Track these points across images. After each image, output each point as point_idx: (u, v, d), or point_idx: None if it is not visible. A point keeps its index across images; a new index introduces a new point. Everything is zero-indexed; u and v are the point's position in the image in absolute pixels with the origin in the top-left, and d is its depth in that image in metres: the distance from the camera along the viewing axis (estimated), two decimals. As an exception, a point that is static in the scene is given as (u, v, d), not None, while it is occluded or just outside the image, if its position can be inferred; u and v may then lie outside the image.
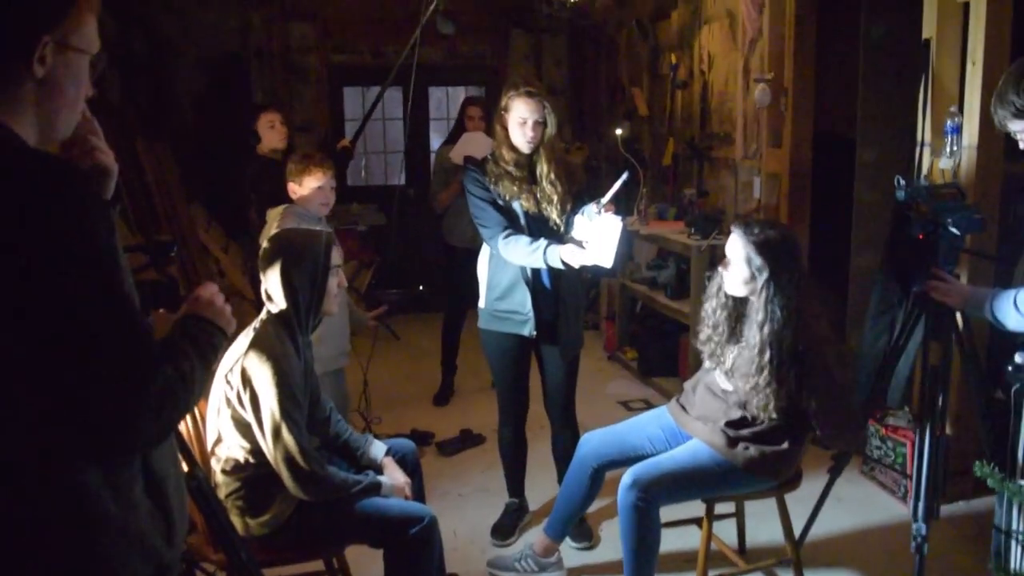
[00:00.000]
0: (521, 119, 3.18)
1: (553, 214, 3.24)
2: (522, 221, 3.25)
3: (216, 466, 2.56)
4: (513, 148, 3.24)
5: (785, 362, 2.65)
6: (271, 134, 4.38)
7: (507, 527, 3.58)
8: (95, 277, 1.25)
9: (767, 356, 2.65)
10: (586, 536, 3.47)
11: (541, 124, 3.20)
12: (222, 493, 2.53)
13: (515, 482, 3.67)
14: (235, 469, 2.53)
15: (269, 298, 2.61)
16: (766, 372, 2.65)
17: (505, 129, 3.25)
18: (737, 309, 2.86)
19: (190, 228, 6.00)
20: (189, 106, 7.17)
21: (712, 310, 2.91)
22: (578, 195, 3.29)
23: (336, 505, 2.50)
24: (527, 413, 3.60)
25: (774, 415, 2.69)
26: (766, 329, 2.66)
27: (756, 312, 2.71)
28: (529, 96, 3.16)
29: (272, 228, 3.47)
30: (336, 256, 2.70)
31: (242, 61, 7.31)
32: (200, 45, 7.14)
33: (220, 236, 6.36)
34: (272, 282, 2.59)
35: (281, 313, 2.59)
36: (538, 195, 3.25)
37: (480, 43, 7.91)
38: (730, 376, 2.83)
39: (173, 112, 7.02)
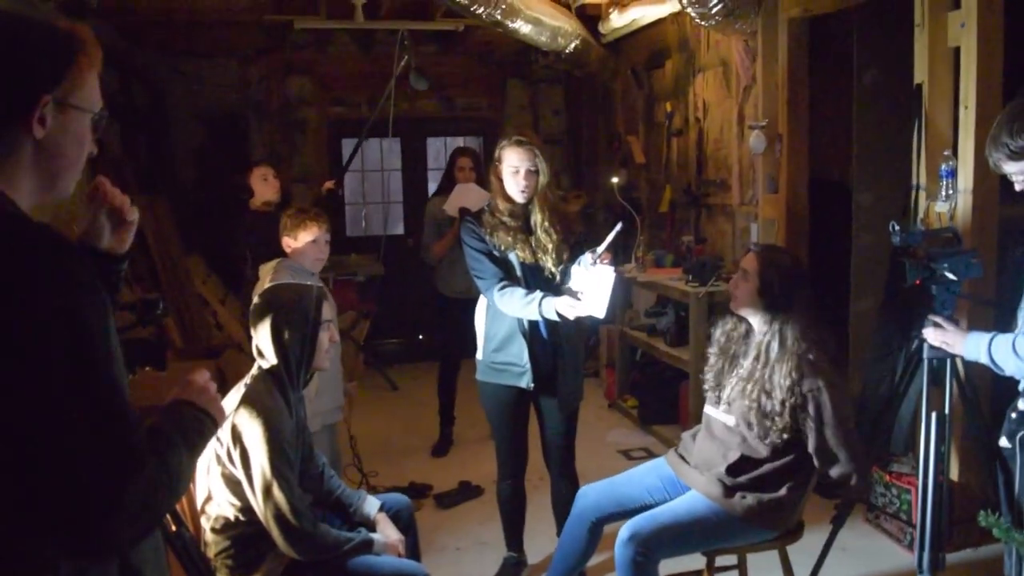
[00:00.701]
0: (513, 168, 3.18)
1: (549, 263, 3.23)
2: (518, 272, 3.23)
3: (206, 524, 2.52)
4: (508, 198, 3.24)
5: (784, 388, 2.66)
6: (264, 187, 4.40)
7: None
8: (76, 364, 1.14)
9: (767, 375, 2.69)
10: None
11: (534, 173, 3.19)
12: (212, 552, 2.48)
13: (514, 536, 3.60)
14: (225, 527, 2.48)
15: (260, 354, 2.59)
16: (766, 395, 2.68)
17: (499, 180, 3.25)
18: (741, 339, 2.90)
19: (188, 280, 5.99)
20: (188, 160, 7.21)
21: (718, 336, 2.98)
22: (575, 244, 3.28)
23: (327, 564, 2.45)
24: (526, 466, 3.55)
25: (777, 440, 2.68)
26: (772, 349, 2.72)
27: (759, 332, 2.78)
28: (519, 145, 3.17)
29: (265, 282, 3.45)
30: (327, 311, 2.69)
31: (241, 115, 7.37)
32: (199, 99, 7.21)
33: (218, 288, 6.35)
34: (263, 337, 2.56)
35: (272, 369, 2.56)
36: (533, 244, 3.24)
37: (477, 95, 7.99)
38: (729, 409, 2.82)
39: (171, 166, 7.07)
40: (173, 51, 7.03)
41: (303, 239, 3.50)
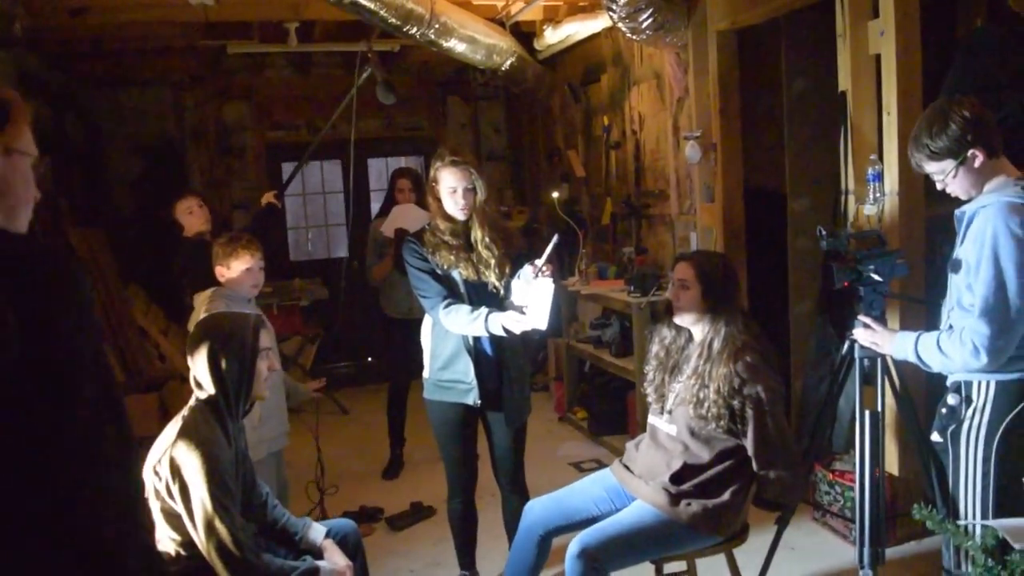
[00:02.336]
0: (451, 188, 3.20)
1: (491, 278, 3.25)
2: (461, 289, 3.24)
3: None
4: (448, 217, 3.25)
5: (723, 382, 2.73)
6: (191, 220, 4.32)
7: None
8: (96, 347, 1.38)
9: (708, 370, 2.76)
10: None
11: (471, 191, 3.21)
12: (155, 588, 2.44)
13: (466, 554, 3.60)
14: (166, 563, 2.44)
15: (198, 384, 2.56)
16: (704, 387, 2.75)
17: (437, 200, 3.26)
18: (680, 346, 2.96)
19: (127, 313, 5.90)
20: (125, 190, 7.11)
21: (658, 339, 3.03)
22: (516, 258, 3.30)
23: (273, 594, 2.43)
24: (475, 484, 3.55)
25: (715, 428, 2.74)
26: (714, 345, 2.80)
27: (702, 332, 2.85)
28: (455, 165, 3.19)
29: (200, 312, 3.42)
30: (265, 339, 2.67)
31: (178, 143, 7.29)
32: (135, 128, 7.12)
33: (160, 319, 6.26)
34: (200, 367, 2.54)
35: (209, 399, 2.54)
36: (475, 260, 3.26)
37: (417, 114, 8.01)
38: (671, 418, 2.85)
39: (108, 197, 6.96)
40: (106, 81, 6.95)
41: (236, 268, 3.46)
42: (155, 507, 2.43)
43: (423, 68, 7.71)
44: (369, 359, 7.49)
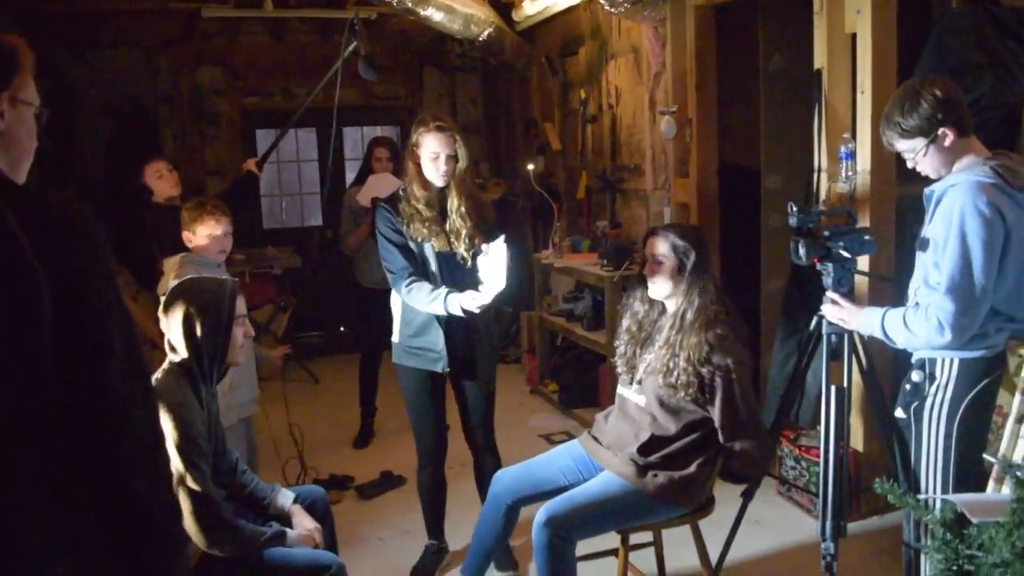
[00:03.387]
0: (433, 154, 3.18)
1: (461, 248, 3.24)
2: (432, 264, 3.24)
3: None
4: (425, 185, 3.23)
5: (693, 352, 2.75)
6: (160, 184, 4.27)
7: (427, 569, 3.52)
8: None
9: (680, 340, 2.78)
10: (510, 565, 3.44)
11: (453, 158, 3.20)
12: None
13: (435, 523, 3.62)
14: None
15: (171, 348, 2.56)
16: (674, 356, 2.77)
17: (417, 165, 3.23)
18: (652, 318, 2.97)
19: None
20: (96, 154, 7.00)
21: (629, 314, 3.03)
22: (488, 232, 3.29)
23: (240, 559, 2.43)
24: (445, 453, 3.56)
25: (684, 397, 2.76)
26: (687, 316, 2.80)
27: (675, 303, 2.86)
28: (439, 131, 3.16)
29: (170, 278, 3.39)
30: (241, 305, 2.66)
31: (150, 107, 7.19)
32: (106, 92, 7.00)
33: (130, 285, 6.18)
34: (174, 332, 2.54)
35: (182, 363, 2.54)
36: (448, 229, 3.25)
37: (394, 83, 7.93)
38: (641, 388, 2.87)
39: (79, 161, 6.85)
40: (77, 43, 6.81)
41: (202, 233, 3.43)
42: None
43: (401, 37, 7.65)
44: (342, 328, 7.50)
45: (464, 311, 3.07)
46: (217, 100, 7.43)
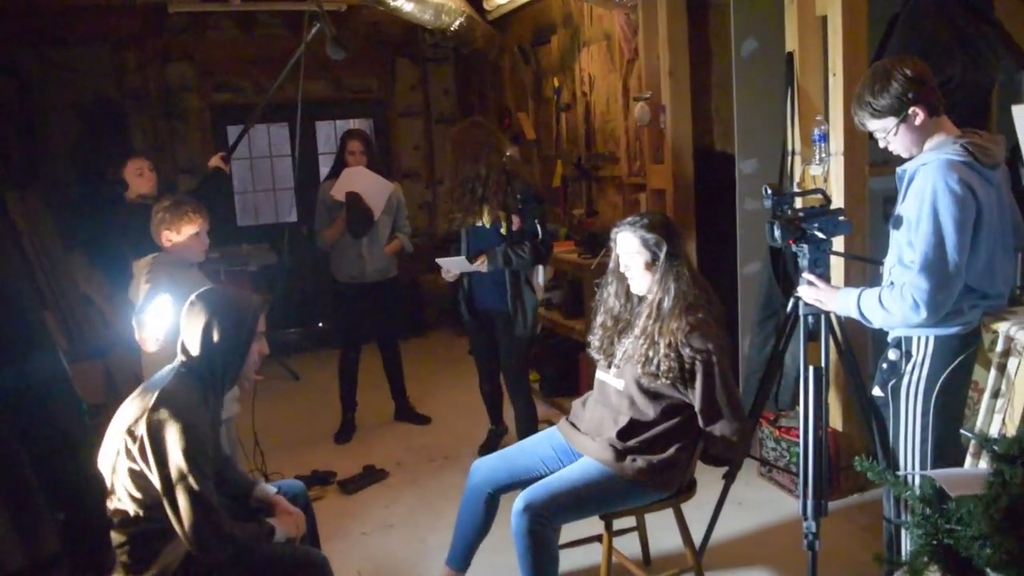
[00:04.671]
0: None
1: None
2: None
3: None
4: None
5: (673, 338, 2.75)
6: (139, 181, 4.23)
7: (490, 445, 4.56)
8: None
9: (658, 328, 2.77)
10: None
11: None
12: (105, 548, 2.42)
13: (495, 413, 4.68)
14: (123, 523, 2.42)
15: (185, 351, 2.54)
16: (653, 345, 2.77)
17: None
18: (629, 308, 2.96)
19: (70, 280, 5.77)
20: (64, 153, 6.91)
21: (604, 310, 3.02)
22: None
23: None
24: (497, 372, 4.48)
25: (665, 382, 2.77)
26: (664, 304, 2.80)
27: (652, 293, 2.84)
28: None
29: (141, 279, 3.37)
30: (262, 323, 2.64)
31: (118, 105, 7.10)
32: (73, 90, 6.91)
33: (103, 285, 6.13)
34: (192, 336, 2.53)
35: (194, 367, 2.53)
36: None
37: (366, 75, 7.89)
38: (620, 373, 2.88)
39: (46, 160, 6.76)
40: (41, 41, 6.71)
41: (186, 232, 3.41)
42: (123, 467, 2.40)
43: (372, 29, 7.60)
44: (320, 324, 7.46)
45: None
46: (186, 96, 7.34)
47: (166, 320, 3.18)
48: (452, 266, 4.18)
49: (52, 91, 6.81)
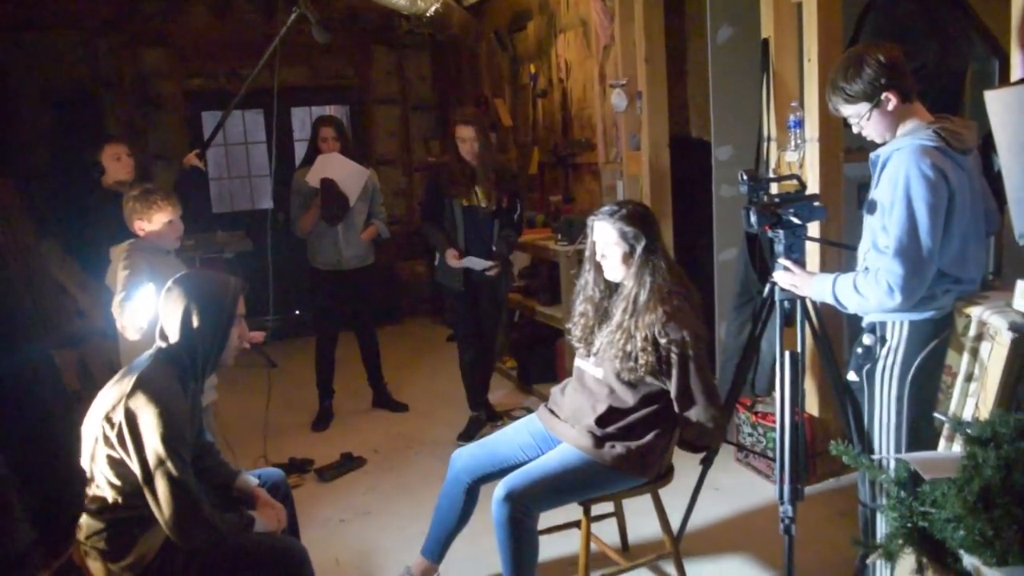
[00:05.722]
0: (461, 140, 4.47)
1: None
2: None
3: None
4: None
5: (649, 331, 2.75)
6: (116, 166, 4.18)
7: (470, 432, 4.72)
8: None
9: (634, 322, 2.77)
10: None
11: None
12: (83, 535, 2.43)
13: (475, 396, 4.83)
14: (101, 510, 2.41)
15: (163, 337, 2.51)
16: (630, 338, 2.76)
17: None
18: (607, 295, 2.95)
19: (43, 267, 5.69)
20: (37, 140, 6.82)
21: (583, 299, 3.01)
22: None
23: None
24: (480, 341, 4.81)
25: (642, 376, 2.77)
26: (640, 298, 2.79)
27: (627, 286, 2.83)
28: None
29: (119, 266, 3.33)
30: (241, 306, 2.62)
31: (91, 91, 7.00)
32: (44, 76, 6.81)
33: (77, 273, 6.06)
34: (170, 321, 2.50)
35: (173, 352, 2.51)
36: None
37: (342, 62, 7.83)
38: (598, 361, 2.88)
39: (18, 148, 6.67)
40: (11, 26, 6.61)
41: (159, 220, 3.38)
42: (102, 454, 2.39)
43: (348, 15, 7.55)
44: (296, 311, 7.42)
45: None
46: (160, 83, 7.27)
47: (150, 310, 3.15)
48: (472, 264, 4.59)
49: (24, 77, 6.71)
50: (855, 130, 2.58)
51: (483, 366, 4.96)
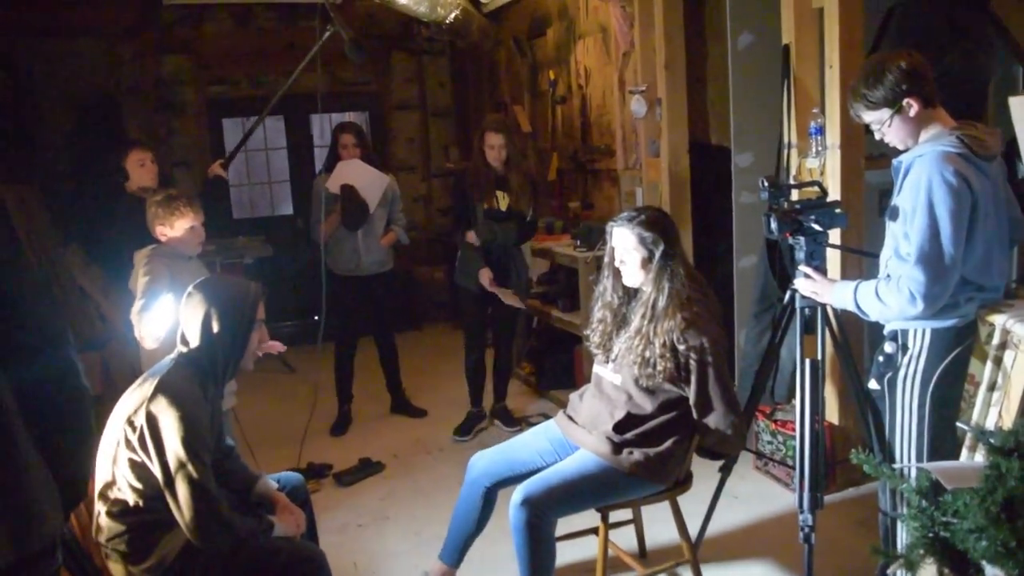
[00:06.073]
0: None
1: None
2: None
3: (101, 508, 2.46)
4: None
5: (668, 337, 2.74)
6: (140, 172, 4.21)
7: (467, 427, 4.90)
8: None
9: (653, 328, 2.76)
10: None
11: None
12: (104, 537, 2.44)
13: (476, 394, 4.95)
14: (122, 513, 2.43)
15: (184, 341, 2.54)
16: (649, 344, 2.76)
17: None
18: (626, 301, 2.95)
19: (66, 272, 5.75)
20: (59, 146, 6.89)
21: (601, 305, 3.00)
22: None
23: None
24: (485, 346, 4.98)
25: (660, 382, 2.76)
26: (659, 304, 2.78)
27: (646, 292, 2.83)
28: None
29: (140, 271, 3.36)
30: (261, 311, 2.64)
31: (113, 97, 7.07)
32: (68, 83, 6.88)
33: (99, 278, 6.11)
34: (191, 326, 2.53)
35: (194, 357, 2.53)
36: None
37: (361, 68, 7.86)
38: (617, 368, 2.87)
39: (41, 153, 6.74)
40: (35, 33, 6.68)
41: (181, 226, 3.41)
42: (124, 457, 2.41)
43: (368, 21, 7.58)
44: (315, 317, 7.44)
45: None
46: (182, 89, 7.33)
47: (168, 321, 3.17)
48: (500, 293, 4.71)
49: (47, 84, 6.79)
50: (877, 137, 2.57)
51: (499, 371, 5.03)
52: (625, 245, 2.85)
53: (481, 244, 4.70)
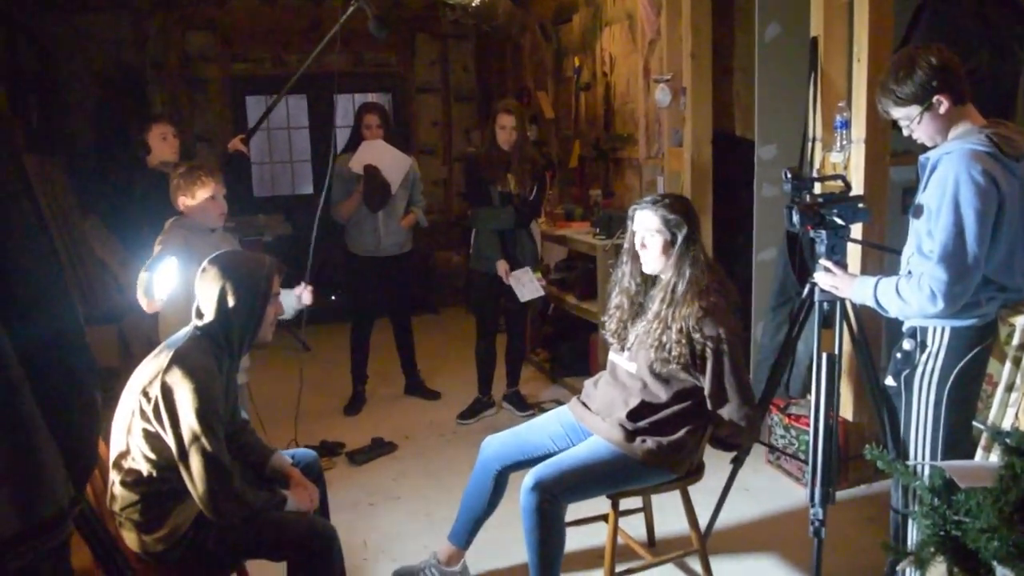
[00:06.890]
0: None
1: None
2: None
3: (116, 477, 2.48)
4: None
5: (685, 323, 2.74)
6: (163, 146, 4.23)
7: (470, 412, 4.96)
8: None
9: (672, 312, 2.76)
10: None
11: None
12: (117, 506, 2.47)
13: (484, 382, 4.98)
14: (136, 483, 2.45)
15: (199, 314, 2.55)
16: (667, 329, 2.76)
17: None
18: (643, 289, 2.95)
19: (85, 245, 5.79)
20: (84, 119, 6.93)
21: (619, 291, 3.00)
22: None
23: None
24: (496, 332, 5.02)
25: (675, 368, 2.76)
26: (678, 288, 2.78)
27: (665, 277, 2.83)
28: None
29: (157, 243, 3.38)
30: (276, 285, 2.65)
31: (138, 72, 7.10)
32: (93, 57, 6.92)
33: (119, 250, 6.15)
34: (206, 300, 2.54)
35: (209, 330, 2.54)
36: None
37: (385, 50, 7.86)
38: (633, 356, 2.87)
39: (65, 126, 6.78)
40: (63, 7, 6.72)
41: (201, 196, 3.42)
42: (138, 427, 2.43)
43: (393, 3, 7.57)
44: (332, 296, 7.47)
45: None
46: (205, 66, 7.35)
47: (169, 283, 3.20)
48: (515, 285, 4.79)
49: (73, 57, 6.82)
50: (905, 133, 2.54)
51: (512, 357, 5.07)
52: (648, 226, 2.84)
53: (496, 230, 4.78)
